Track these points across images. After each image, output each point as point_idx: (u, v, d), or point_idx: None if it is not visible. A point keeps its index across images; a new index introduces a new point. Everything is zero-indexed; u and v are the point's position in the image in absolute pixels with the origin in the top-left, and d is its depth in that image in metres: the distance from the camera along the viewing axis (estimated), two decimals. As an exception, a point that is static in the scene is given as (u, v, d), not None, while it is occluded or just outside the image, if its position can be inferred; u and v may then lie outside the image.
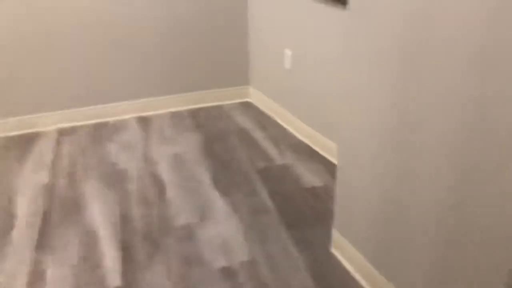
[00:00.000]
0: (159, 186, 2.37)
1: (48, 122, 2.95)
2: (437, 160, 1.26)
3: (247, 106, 3.20)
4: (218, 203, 2.23)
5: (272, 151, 2.65)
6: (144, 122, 3.02)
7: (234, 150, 2.66)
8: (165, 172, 2.48)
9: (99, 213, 2.18)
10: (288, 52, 2.72)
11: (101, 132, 2.91)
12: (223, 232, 2.03)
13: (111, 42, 2.88)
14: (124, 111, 3.06)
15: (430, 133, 1.27)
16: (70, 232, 2.06)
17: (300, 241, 1.97)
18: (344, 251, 1.84)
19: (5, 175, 2.50)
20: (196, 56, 3.07)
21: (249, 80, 3.24)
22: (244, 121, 2.99)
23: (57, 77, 2.88)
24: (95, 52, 2.88)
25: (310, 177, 2.40)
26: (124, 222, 2.12)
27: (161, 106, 3.12)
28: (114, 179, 2.44)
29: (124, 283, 1.78)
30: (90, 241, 2.01)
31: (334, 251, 1.91)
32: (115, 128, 2.96)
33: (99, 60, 2.91)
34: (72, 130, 2.95)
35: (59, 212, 2.20)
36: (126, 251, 1.95)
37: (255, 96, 3.21)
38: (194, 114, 3.11)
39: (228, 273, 1.82)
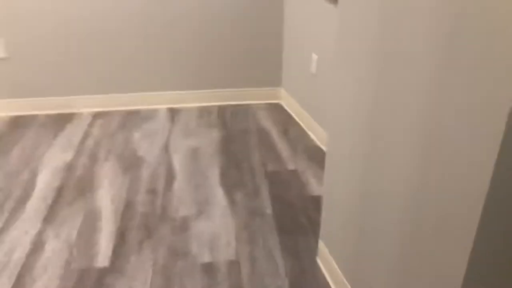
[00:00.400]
0: (169, 176, 2.45)
1: (85, 105, 3.14)
2: (399, 175, 1.22)
3: (276, 108, 3.21)
4: (219, 199, 2.27)
5: (286, 155, 2.65)
6: (173, 113, 3.13)
7: (250, 150, 2.69)
8: (178, 163, 2.56)
9: (107, 195, 2.30)
10: (314, 56, 2.70)
11: (131, 119, 3.05)
12: (215, 229, 2.08)
13: (149, 35, 3.01)
14: (156, 101, 3.19)
15: (396, 147, 1.23)
16: (76, 209, 2.20)
17: (288, 248, 1.97)
18: (326, 263, 1.82)
19: (36, 150, 2.70)
20: (230, 54, 3.13)
21: (282, 82, 3.25)
22: (268, 123, 3.01)
23: (97, 64, 3.05)
24: (135, 43, 3.02)
25: (316, 186, 2.38)
26: (127, 207, 2.22)
27: (192, 100, 3.21)
28: (131, 164, 2.55)
29: (110, 265, 1.88)
30: (92, 220, 2.13)
31: (318, 261, 1.89)
32: (145, 116, 3.09)
33: (137, 51, 3.04)
34: (105, 115, 3.12)
35: (73, 189, 2.35)
36: (121, 234, 2.04)
37: (286, 99, 3.21)
38: (222, 110, 3.17)
39: (209, 269, 1.86)
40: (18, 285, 1.78)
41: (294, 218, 2.15)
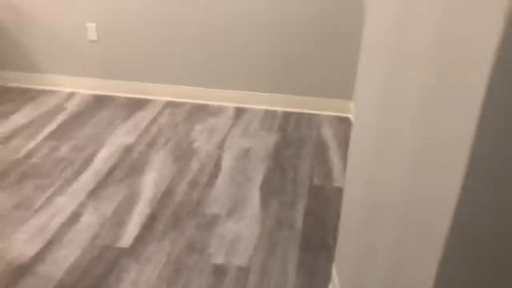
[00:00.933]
0: (214, 172, 2.49)
1: (160, 93, 3.31)
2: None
3: (343, 122, 3.10)
4: (253, 203, 2.25)
5: (337, 172, 2.54)
6: (238, 113, 3.16)
7: (301, 160, 2.63)
8: (227, 161, 2.59)
9: (151, 180, 2.40)
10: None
11: (198, 112, 3.15)
12: (239, 232, 2.07)
13: (228, 33, 3.07)
14: (225, 98, 3.25)
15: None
16: (119, 189, 2.33)
17: (305, 266, 1.90)
18: (335, 291, 1.72)
19: (106, 129, 2.90)
20: (302, 59, 3.08)
21: (353, 95, 3.12)
22: (330, 136, 2.91)
23: (176, 55, 3.19)
24: (213, 39, 3.10)
25: (357, 208, 2.25)
26: (166, 194, 2.30)
27: (260, 102, 3.22)
28: (183, 154, 2.63)
29: (130, 247, 1.96)
30: (130, 202, 2.24)
31: (330, 287, 1.79)
32: (212, 112, 3.17)
33: (213, 47, 3.13)
34: (176, 105, 3.25)
35: (123, 170, 2.49)
36: (151, 220, 2.12)
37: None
38: (286, 116, 3.13)
39: (219, 271, 1.86)
40: (45, 249, 1.94)
41: (322, 237, 2.06)
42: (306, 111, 3.20)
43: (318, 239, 2.05)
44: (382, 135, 1.20)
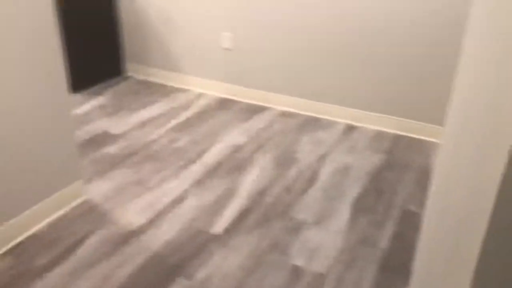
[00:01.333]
0: (310, 182, 2.59)
1: (277, 102, 3.50)
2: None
3: (456, 153, 2.97)
4: (342, 217, 2.30)
5: (436, 201, 2.47)
6: (348, 130, 3.22)
7: (401, 185, 2.60)
8: (325, 174, 2.67)
9: (251, 180, 2.59)
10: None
11: (309, 124, 3.27)
12: (322, 241, 2.14)
13: (350, 52, 3.16)
14: (338, 114, 3.33)
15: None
16: (222, 182, 2.55)
17: (380, 286, 1.90)
18: (403, 314, 1.70)
19: (222, 128, 3.18)
20: (423, 85, 3.03)
21: (472, 128, 2.98)
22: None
23: (298, 68, 3.36)
24: (335, 56, 3.22)
25: (449, 241, 2.17)
26: (260, 194, 2.46)
27: (372, 121, 3.24)
28: (285, 162, 2.78)
29: (221, 235, 2.15)
30: (228, 195, 2.44)
31: (401, 311, 1.78)
32: (322, 125, 3.27)
33: (334, 63, 3.23)
34: (290, 115, 3.42)
35: (229, 167, 2.71)
36: (243, 214, 2.30)
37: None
38: (396, 140, 3.10)
39: (296, 272, 1.95)
40: (150, 223, 2.22)
41: (404, 261, 2.04)
42: (418, 136, 3.14)
43: (399, 262, 2.04)
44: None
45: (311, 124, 3.30)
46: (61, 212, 2.27)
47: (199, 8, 3.55)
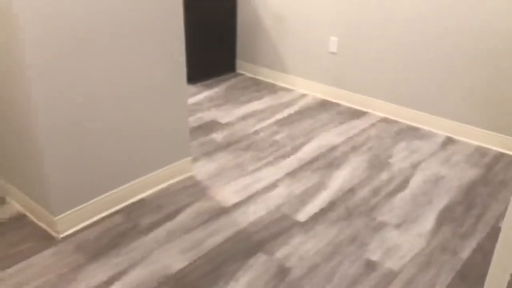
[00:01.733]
0: (399, 187, 2.63)
1: (378, 108, 3.56)
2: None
3: None
4: (426, 223, 2.33)
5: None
6: (447, 142, 3.18)
7: (495, 202, 2.54)
8: (416, 182, 2.69)
9: (342, 177, 2.71)
10: None
11: (407, 133, 3.29)
12: (402, 242, 2.20)
13: (453, 63, 3.12)
14: (438, 125, 3.29)
15: None
16: (313, 176, 2.70)
17: (454, 292, 1.93)
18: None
19: (319, 127, 3.33)
20: (534, 105, 2.90)
21: None
22: (540, 187, 2.70)
23: (400, 75, 3.39)
24: (437, 66, 3.20)
25: (537, 262, 2.10)
26: (348, 191, 2.57)
27: (473, 136, 3.15)
28: (378, 165, 2.85)
29: (304, 222, 2.31)
30: (318, 188, 2.59)
31: (471, 319, 1.79)
32: (420, 135, 3.26)
33: (436, 73, 3.21)
34: (389, 121, 3.45)
35: (321, 163, 2.86)
36: (328, 207, 2.43)
37: None
38: (497, 157, 3.00)
39: (370, 265, 2.05)
40: (242, 203, 2.45)
41: (483, 273, 2.02)
42: (522, 157, 3.01)
43: (478, 273, 2.03)
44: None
45: (410, 132, 3.31)
46: (169, 183, 2.59)
47: (311, 13, 3.74)
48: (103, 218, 2.31)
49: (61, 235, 2.18)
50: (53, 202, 2.11)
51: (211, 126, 3.32)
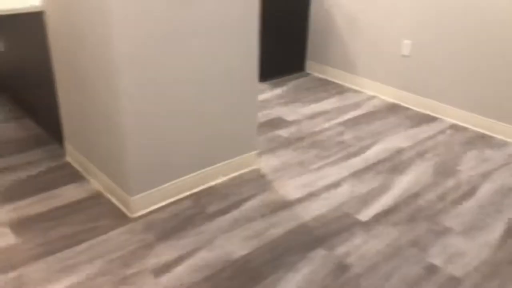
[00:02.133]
0: (466, 195, 2.57)
1: (449, 114, 3.47)
2: None
3: None
4: (492, 233, 2.27)
5: None
6: (523, 153, 3.05)
7: None
8: (484, 191, 2.62)
9: (406, 181, 2.69)
10: None
11: (478, 141, 3.19)
12: (465, 250, 2.15)
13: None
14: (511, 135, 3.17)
15: None
16: (377, 178, 2.70)
17: (519, 305, 1.87)
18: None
19: (387, 130, 3.30)
20: None
21: None
22: None
23: (472, 81, 3.29)
24: (510, 73, 3.08)
25: None
26: (412, 195, 2.55)
27: (552, 149, 3.01)
28: (444, 171, 2.79)
29: (366, 222, 2.33)
30: (380, 190, 2.59)
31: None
32: (492, 144, 3.15)
33: (509, 80, 3.10)
34: (460, 129, 3.36)
35: (386, 165, 2.84)
36: (391, 209, 2.43)
37: None
38: None
39: (431, 269, 2.03)
40: (304, 198, 2.50)
41: (553, 290, 1.95)
42: None
43: (547, 289, 1.95)
44: None
45: (481, 141, 3.21)
46: (236, 174, 2.70)
47: (384, 15, 3.71)
48: (174, 202, 2.44)
49: (134, 215, 2.34)
50: (130, 183, 2.28)
51: (277, 123, 3.40)
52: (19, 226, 2.24)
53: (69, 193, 2.50)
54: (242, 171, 2.73)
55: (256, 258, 2.08)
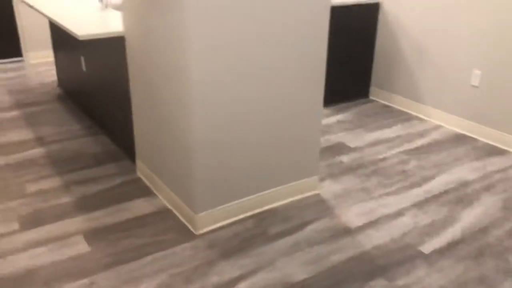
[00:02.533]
0: None
1: (521, 148, 3.34)
2: None
3: None
4: None
5: None
6: None
7: None
8: (560, 230, 2.49)
9: (473, 215, 2.61)
10: None
11: (553, 177, 3.04)
12: (537, 292, 2.06)
13: None
14: None
15: None
16: (442, 210, 2.64)
17: None
18: None
19: (452, 161, 3.22)
20: None
21: None
22: None
23: (552, 117, 3.15)
24: None
25: None
26: (480, 230, 2.47)
27: None
28: (510, 204, 2.70)
29: (429, 254, 2.28)
30: (445, 222, 2.53)
31: None
32: None
33: None
34: (532, 163, 3.22)
35: (451, 197, 2.77)
36: (456, 242, 2.36)
37: None
38: None
39: None
40: (366, 226, 2.49)
41: None
42: None
43: None
44: None
45: (555, 177, 3.06)
46: (297, 197, 2.73)
47: (453, 43, 3.65)
48: (236, 221, 2.51)
49: (199, 232, 2.42)
50: (196, 201, 2.37)
51: (339, 148, 3.40)
52: (92, 235, 2.39)
53: (139, 207, 2.64)
54: (304, 195, 2.76)
55: (315, 283, 2.10)
